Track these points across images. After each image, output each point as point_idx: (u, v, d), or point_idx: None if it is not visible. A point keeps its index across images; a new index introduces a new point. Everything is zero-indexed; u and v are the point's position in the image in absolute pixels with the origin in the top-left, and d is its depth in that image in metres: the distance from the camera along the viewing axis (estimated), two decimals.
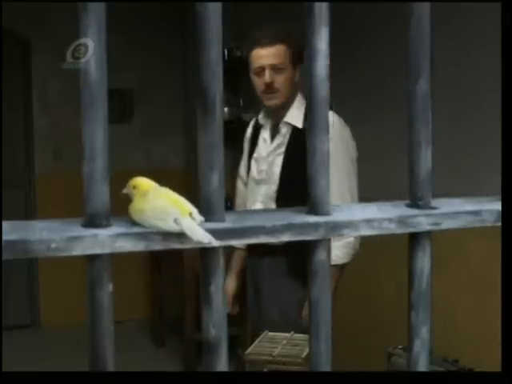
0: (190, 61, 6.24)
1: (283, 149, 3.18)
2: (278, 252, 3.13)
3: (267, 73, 3.11)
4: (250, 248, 3.27)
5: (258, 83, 3.18)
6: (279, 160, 3.18)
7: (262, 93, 3.19)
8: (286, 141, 3.20)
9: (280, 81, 3.12)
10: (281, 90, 3.14)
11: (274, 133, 3.28)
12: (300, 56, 3.13)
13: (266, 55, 3.12)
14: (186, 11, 6.21)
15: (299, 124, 3.16)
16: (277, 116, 3.23)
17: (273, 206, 3.18)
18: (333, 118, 3.09)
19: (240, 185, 3.54)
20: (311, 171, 1.02)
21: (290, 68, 3.13)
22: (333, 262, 3.16)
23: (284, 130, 3.21)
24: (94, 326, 0.94)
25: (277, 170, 3.17)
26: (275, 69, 3.10)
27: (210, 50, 0.96)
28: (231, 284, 3.45)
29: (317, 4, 0.99)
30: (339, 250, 3.10)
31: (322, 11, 0.99)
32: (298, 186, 3.06)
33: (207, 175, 0.98)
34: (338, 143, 3.03)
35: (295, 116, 3.20)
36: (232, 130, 5.52)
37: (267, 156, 3.23)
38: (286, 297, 3.20)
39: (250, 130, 3.45)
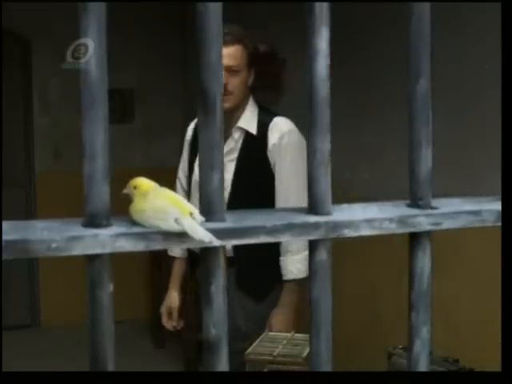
0: (191, 61, 6.24)
1: (235, 155, 3.02)
2: (230, 263, 2.89)
3: (222, 74, 2.96)
4: (197, 258, 3.07)
5: None
6: (231, 166, 3.00)
7: None
8: (238, 146, 3.04)
9: (234, 83, 2.97)
10: (234, 93, 2.98)
11: (225, 137, 3.05)
12: (255, 59, 3.04)
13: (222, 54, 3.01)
14: (187, 11, 6.21)
15: (253, 130, 3.03)
16: (227, 120, 2.93)
17: None
18: (287, 125, 3.06)
19: (179, 188, 3.31)
20: (311, 171, 1.02)
21: (245, 70, 3.00)
22: (294, 276, 3.00)
23: (236, 135, 3.05)
24: (95, 325, 0.94)
25: (228, 176, 2.98)
26: (230, 70, 2.94)
27: (210, 49, 0.96)
28: (174, 297, 3.29)
29: (317, 4, 0.99)
30: (301, 264, 2.98)
31: (322, 11, 0.99)
32: (250, 193, 2.98)
33: (207, 175, 0.98)
34: (297, 149, 2.94)
35: (249, 121, 3.06)
36: None
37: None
38: (237, 309, 3.04)
39: (190, 133, 3.25)
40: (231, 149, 3.02)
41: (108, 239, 0.92)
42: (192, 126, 3.26)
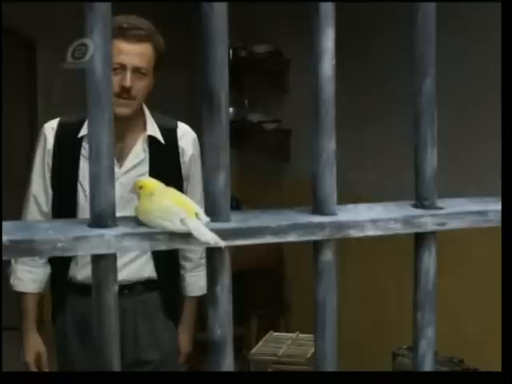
0: (196, 62, 6.24)
1: (146, 168, 2.61)
2: (152, 287, 2.71)
3: (128, 75, 2.49)
4: (80, 288, 2.60)
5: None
6: None
7: (113, 95, 2.56)
8: (147, 157, 2.64)
9: (139, 87, 2.53)
10: (137, 99, 2.55)
11: (126, 147, 2.64)
12: (162, 63, 2.62)
13: (130, 52, 2.50)
14: (193, 12, 6.21)
15: (160, 138, 2.66)
16: (121, 128, 2.53)
17: None
18: (191, 131, 2.74)
19: (35, 212, 2.71)
20: (316, 171, 1.02)
21: (151, 74, 2.57)
22: (203, 292, 2.71)
23: (145, 145, 2.64)
24: (100, 325, 0.95)
25: None
26: (137, 72, 2.51)
27: (215, 49, 0.96)
28: (36, 338, 2.75)
29: (322, 4, 0.99)
30: (204, 281, 2.76)
31: (328, 10, 0.99)
32: None
33: (213, 175, 0.98)
34: (199, 159, 2.69)
35: (154, 129, 2.67)
36: (236, 130, 5.54)
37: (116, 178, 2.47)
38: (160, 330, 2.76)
39: (51, 141, 2.64)
40: (141, 160, 2.63)
41: (113, 239, 0.92)
42: (53, 131, 2.67)
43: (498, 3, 1.23)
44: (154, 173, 2.51)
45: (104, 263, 0.93)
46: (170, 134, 2.69)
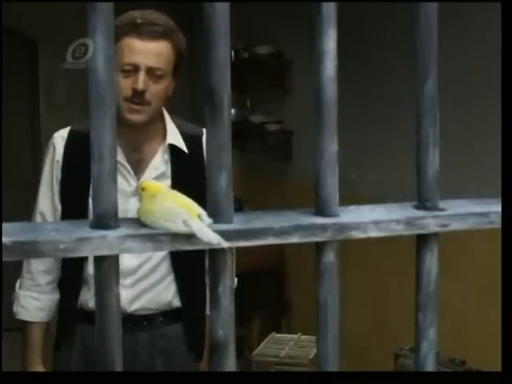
0: (198, 62, 6.25)
1: (167, 182, 2.30)
2: (176, 317, 2.42)
3: (141, 76, 2.21)
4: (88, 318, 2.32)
5: (123, 85, 2.20)
6: None
7: (125, 100, 2.22)
8: (168, 171, 2.35)
9: (155, 91, 2.24)
10: (152, 104, 2.25)
11: (145, 159, 2.36)
12: (181, 63, 2.33)
13: (143, 51, 2.21)
14: (196, 12, 6.22)
15: (183, 146, 2.37)
16: (137, 137, 2.32)
17: (156, 253, 2.30)
18: None
19: None
20: (318, 172, 1.02)
21: (169, 76, 2.28)
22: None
23: (165, 156, 2.36)
24: (103, 326, 0.95)
25: None
26: (152, 73, 2.22)
27: (218, 50, 0.96)
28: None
29: (324, 4, 0.99)
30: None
31: (330, 11, 0.99)
32: None
33: (215, 176, 0.98)
34: None
35: (175, 136, 2.37)
36: (239, 131, 5.54)
37: (133, 194, 2.22)
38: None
39: (60, 151, 2.37)
40: (162, 173, 2.34)
41: (116, 240, 0.92)
42: (63, 141, 2.41)
43: (498, 3, 1.23)
44: (177, 187, 2.05)
45: (106, 264, 0.93)
46: (195, 142, 2.36)
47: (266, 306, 5.41)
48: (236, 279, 2.40)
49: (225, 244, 0.94)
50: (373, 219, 1.02)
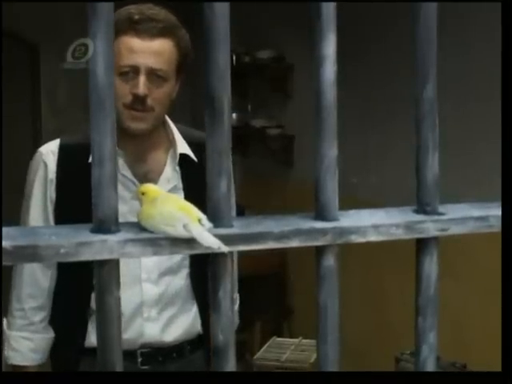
0: (198, 66, 6.25)
1: (181, 195, 2.11)
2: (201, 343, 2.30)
3: (141, 80, 2.01)
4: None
5: (122, 90, 2.01)
6: None
7: (125, 107, 2.03)
8: (180, 184, 2.17)
9: (157, 96, 2.04)
10: (155, 111, 2.06)
11: (147, 173, 2.16)
12: (186, 63, 2.14)
13: (143, 50, 2.01)
14: (196, 13, 6.22)
15: (191, 155, 2.18)
16: (141, 147, 2.14)
17: (175, 279, 2.21)
18: None
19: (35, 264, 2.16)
20: (318, 177, 1.02)
21: (172, 78, 2.08)
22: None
23: (173, 168, 2.17)
24: (103, 330, 0.95)
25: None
26: (153, 76, 2.03)
27: (218, 53, 0.96)
28: None
29: (324, 7, 0.99)
30: (237, 317, 2.45)
31: (329, 15, 0.99)
32: None
33: (215, 181, 0.98)
34: None
35: (185, 145, 2.18)
36: (239, 136, 5.54)
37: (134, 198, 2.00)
38: None
39: (53, 169, 2.15)
40: (174, 187, 2.16)
41: (116, 245, 0.92)
42: (54, 156, 2.18)
43: (497, 3, 1.24)
44: (190, 200, 1.90)
45: (107, 268, 0.94)
46: (202, 150, 2.15)
47: (267, 310, 5.41)
48: (237, 296, 2.42)
49: (225, 248, 0.94)
50: (372, 223, 1.02)
